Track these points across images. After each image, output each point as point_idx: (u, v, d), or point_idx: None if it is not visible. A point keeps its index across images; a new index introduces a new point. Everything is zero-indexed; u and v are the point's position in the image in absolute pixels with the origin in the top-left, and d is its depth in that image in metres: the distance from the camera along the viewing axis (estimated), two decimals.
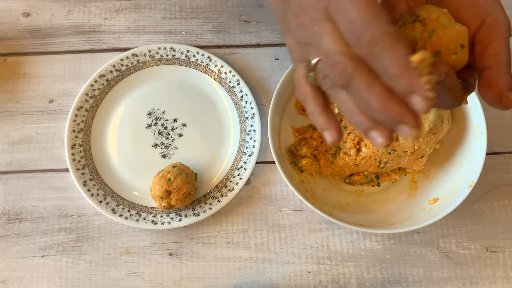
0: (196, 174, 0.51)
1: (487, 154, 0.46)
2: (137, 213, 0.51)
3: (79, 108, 0.54)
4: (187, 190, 0.48)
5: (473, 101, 0.47)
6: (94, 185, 0.52)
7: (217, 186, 0.52)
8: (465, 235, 0.51)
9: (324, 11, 0.25)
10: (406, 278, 0.50)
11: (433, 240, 0.51)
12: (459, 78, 0.28)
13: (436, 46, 0.26)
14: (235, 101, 0.55)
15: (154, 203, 0.51)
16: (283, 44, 0.59)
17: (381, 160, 0.48)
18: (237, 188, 0.51)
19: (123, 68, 0.56)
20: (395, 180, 0.53)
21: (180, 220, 0.50)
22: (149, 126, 0.55)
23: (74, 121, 0.54)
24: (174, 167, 0.49)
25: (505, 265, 0.50)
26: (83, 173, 0.52)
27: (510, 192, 0.53)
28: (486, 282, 0.50)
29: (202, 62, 0.56)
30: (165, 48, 0.57)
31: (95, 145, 0.54)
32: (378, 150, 0.47)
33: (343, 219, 0.45)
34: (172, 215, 0.51)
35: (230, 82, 0.56)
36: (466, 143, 0.49)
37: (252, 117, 0.54)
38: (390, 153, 0.47)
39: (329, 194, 0.51)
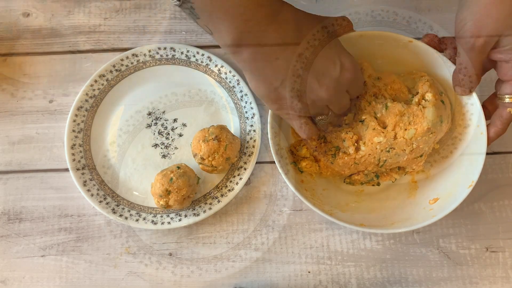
0: (198, 179, 0.51)
1: (487, 154, 0.46)
2: (137, 213, 0.51)
3: (79, 108, 0.54)
4: (187, 193, 0.48)
5: (473, 101, 0.47)
6: (94, 185, 0.52)
7: (217, 186, 0.52)
8: (465, 235, 0.51)
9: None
10: (406, 278, 0.50)
11: (433, 240, 0.51)
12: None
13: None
14: (235, 101, 0.55)
15: (154, 203, 0.51)
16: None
17: (380, 158, 0.48)
18: (237, 188, 0.51)
19: (123, 68, 0.56)
20: (395, 179, 0.53)
21: (180, 220, 0.50)
22: (149, 126, 0.55)
23: (74, 121, 0.54)
24: (178, 167, 0.49)
25: (505, 265, 0.50)
26: (83, 173, 0.52)
27: (510, 192, 0.53)
28: (486, 282, 0.50)
29: (202, 62, 0.56)
30: (165, 48, 0.57)
31: (95, 145, 0.54)
32: (376, 148, 0.47)
33: (343, 219, 0.45)
34: (172, 215, 0.51)
35: (230, 82, 0.56)
36: (466, 143, 0.49)
37: (252, 117, 0.54)
38: (388, 151, 0.47)
39: (329, 194, 0.51)
